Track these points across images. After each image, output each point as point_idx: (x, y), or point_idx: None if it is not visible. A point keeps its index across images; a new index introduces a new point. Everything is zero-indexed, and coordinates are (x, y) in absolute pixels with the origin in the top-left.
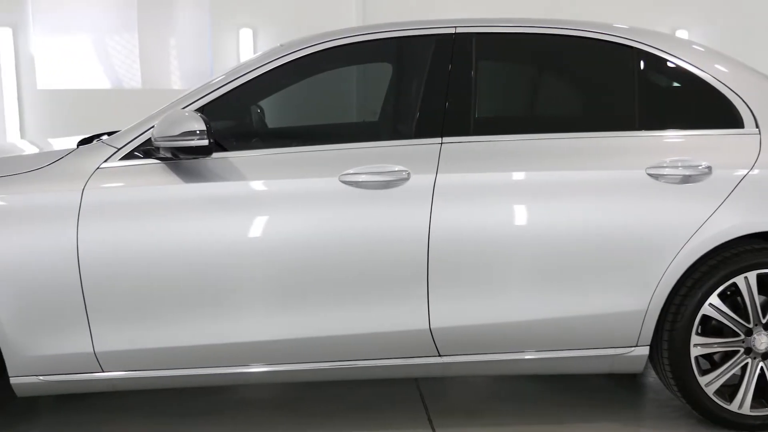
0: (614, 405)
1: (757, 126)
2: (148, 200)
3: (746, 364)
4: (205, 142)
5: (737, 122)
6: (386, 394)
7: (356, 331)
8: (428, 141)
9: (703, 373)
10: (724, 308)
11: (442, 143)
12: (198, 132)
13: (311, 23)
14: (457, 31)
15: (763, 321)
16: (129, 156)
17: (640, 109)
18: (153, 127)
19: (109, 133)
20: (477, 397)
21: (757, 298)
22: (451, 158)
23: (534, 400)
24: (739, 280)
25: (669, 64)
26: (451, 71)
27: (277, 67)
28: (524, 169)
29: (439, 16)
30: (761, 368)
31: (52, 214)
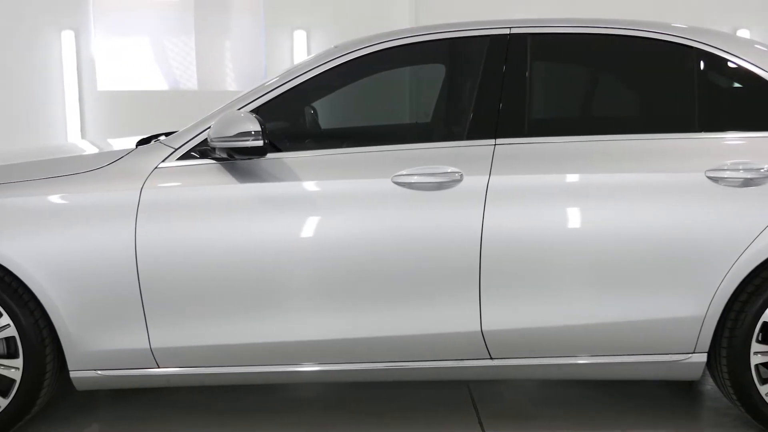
0: (670, 413)
1: None
2: (203, 200)
3: None
4: (260, 143)
5: None
6: (437, 396)
7: (407, 333)
8: (481, 142)
9: (763, 381)
10: None
11: (495, 145)
12: (253, 133)
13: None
14: (512, 32)
15: None
16: (186, 156)
17: (700, 110)
18: (209, 128)
19: (167, 134)
20: (529, 401)
21: None
22: (504, 160)
23: (587, 405)
24: None
25: (730, 64)
26: (505, 72)
27: (331, 69)
28: (579, 172)
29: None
30: None
31: (111, 213)
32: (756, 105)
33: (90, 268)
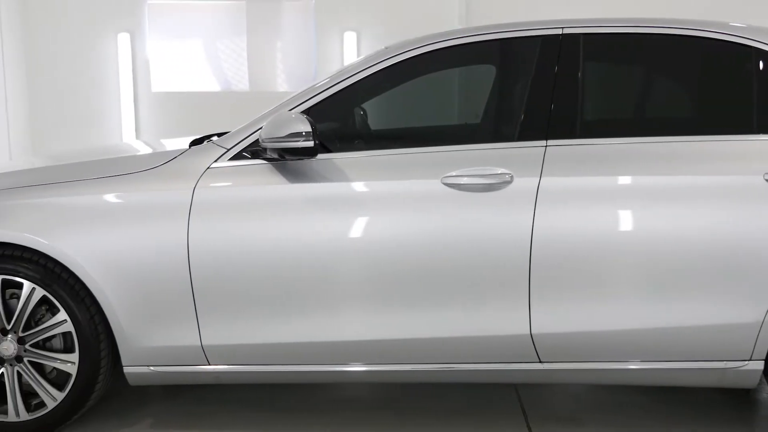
0: (725, 421)
1: None
2: (254, 199)
3: None
4: (311, 144)
5: None
6: (485, 398)
7: (456, 334)
8: (532, 144)
9: None
10: None
11: (546, 146)
12: (304, 133)
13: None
14: (564, 32)
15: None
16: (237, 156)
17: (759, 111)
18: (261, 128)
19: (219, 134)
20: (579, 406)
21: None
22: (555, 161)
23: (638, 411)
24: None
25: None
26: (557, 73)
27: (381, 70)
28: (632, 174)
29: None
30: None
31: (164, 212)
32: None
33: (143, 266)
